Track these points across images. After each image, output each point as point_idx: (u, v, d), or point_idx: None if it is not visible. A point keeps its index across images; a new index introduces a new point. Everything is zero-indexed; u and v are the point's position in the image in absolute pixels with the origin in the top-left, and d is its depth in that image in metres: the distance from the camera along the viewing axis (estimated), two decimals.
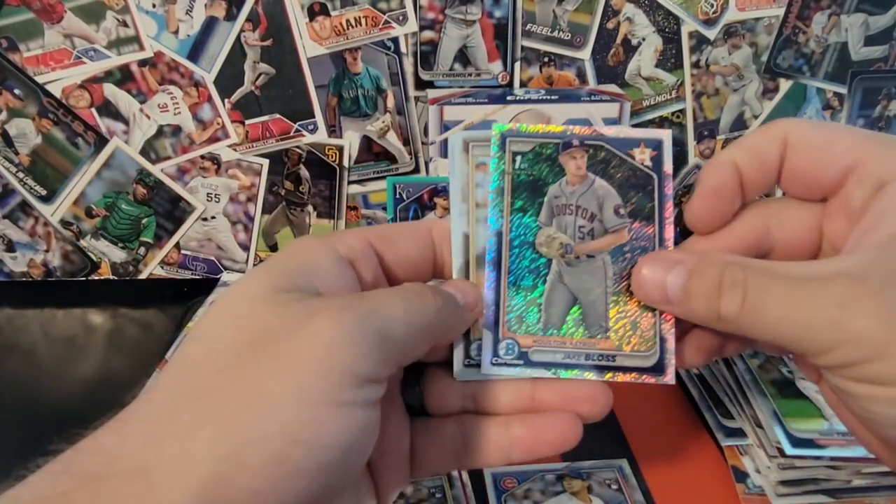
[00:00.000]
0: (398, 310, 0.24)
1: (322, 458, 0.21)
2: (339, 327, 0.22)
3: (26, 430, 0.53)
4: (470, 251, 0.29)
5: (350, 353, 0.22)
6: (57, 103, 0.59)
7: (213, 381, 0.22)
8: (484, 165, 0.30)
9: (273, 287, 0.24)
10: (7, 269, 0.66)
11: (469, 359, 0.28)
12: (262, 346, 0.22)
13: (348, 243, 0.26)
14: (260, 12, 0.57)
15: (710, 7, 0.59)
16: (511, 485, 0.46)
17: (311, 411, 0.21)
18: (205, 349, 0.23)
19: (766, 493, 0.44)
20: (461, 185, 0.30)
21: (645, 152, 0.30)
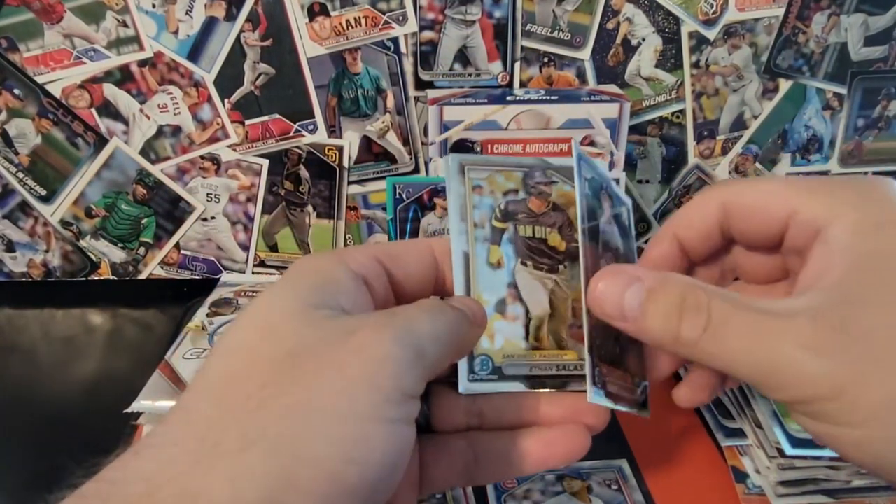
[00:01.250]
0: (427, 325, 0.24)
1: (373, 476, 0.21)
2: (382, 344, 0.22)
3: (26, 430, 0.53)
4: (470, 269, 0.30)
5: (396, 370, 0.22)
6: (57, 103, 0.59)
7: (256, 396, 0.21)
8: (480, 188, 0.31)
9: (303, 302, 0.24)
10: (7, 269, 0.66)
11: (473, 374, 0.29)
12: (304, 361, 0.22)
13: (360, 261, 0.27)
14: (260, 12, 0.57)
15: (709, 7, 0.59)
16: (511, 485, 0.46)
17: (363, 428, 0.21)
18: (240, 363, 0.22)
19: (766, 494, 0.44)
20: (459, 206, 0.31)
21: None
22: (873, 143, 0.65)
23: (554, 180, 0.32)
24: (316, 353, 0.22)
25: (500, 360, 0.29)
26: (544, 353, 0.30)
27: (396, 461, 0.22)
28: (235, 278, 0.67)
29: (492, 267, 0.30)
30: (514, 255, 0.31)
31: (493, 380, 0.29)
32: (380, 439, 0.21)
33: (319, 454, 0.20)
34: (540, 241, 0.31)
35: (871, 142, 0.65)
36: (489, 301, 0.30)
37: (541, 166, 0.32)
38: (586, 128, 0.57)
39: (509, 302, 0.30)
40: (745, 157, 0.65)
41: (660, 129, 0.64)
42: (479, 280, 0.30)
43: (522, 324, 0.30)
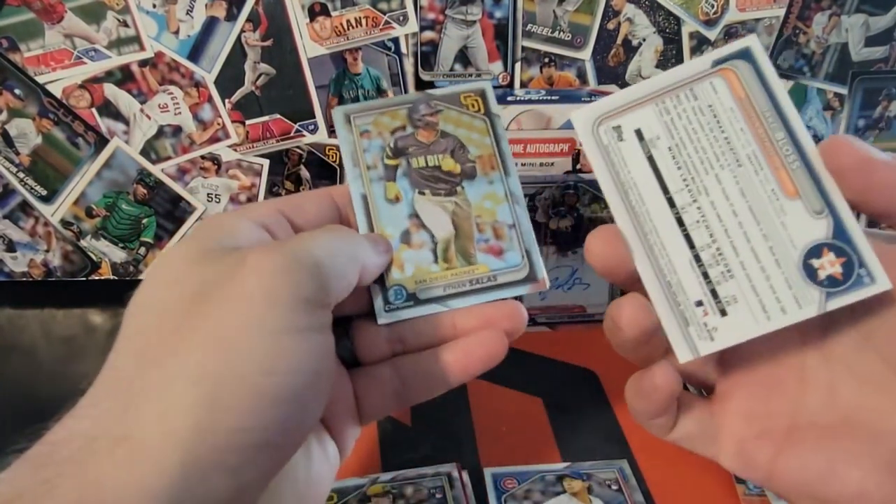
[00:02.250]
0: (323, 239, 0.26)
1: (295, 384, 0.22)
2: (275, 260, 0.24)
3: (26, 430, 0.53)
4: (370, 208, 0.32)
5: (292, 280, 0.23)
6: (57, 103, 0.59)
7: (170, 338, 0.22)
8: (367, 133, 0.33)
9: (201, 247, 0.25)
10: (7, 269, 0.67)
11: (388, 304, 0.31)
12: (207, 294, 0.23)
13: (260, 212, 0.28)
14: (260, 13, 0.57)
15: (710, 7, 0.59)
16: (511, 485, 0.46)
17: (275, 341, 0.22)
18: (152, 313, 0.24)
19: (767, 494, 0.44)
20: (350, 153, 0.33)
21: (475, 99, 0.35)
22: (874, 143, 0.65)
23: (439, 109, 0.34)
24: (217, 285, 0.23)
25: (413, 286, 0.31)
26: (455, 272, 0.31)
27: (315, 368, 0.23)
28: None
29: (390, 202, 0.32)
30: (410, 188, 0.32)
31: (409, 306, 0.31)
32: (295, 348, 0.23)
33: (239, 372, 0.21)
34: (434, 168, 0.33)
35: (871, 142, 0.65)
36: (393, 235, 0.32)
37: (424, 99, 0.34)
38: None
39: (413, 231, 0.32)
40: None
41: None
42: (380, 217, 0.32)
43: (430, 248, 0.32)
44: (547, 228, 0.57)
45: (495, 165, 0.33)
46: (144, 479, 0.20)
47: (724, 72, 0.28)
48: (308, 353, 0.23)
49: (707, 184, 0.27)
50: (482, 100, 0.34)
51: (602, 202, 0.57)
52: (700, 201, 0.27)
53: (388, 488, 0.45)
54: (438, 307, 0.31)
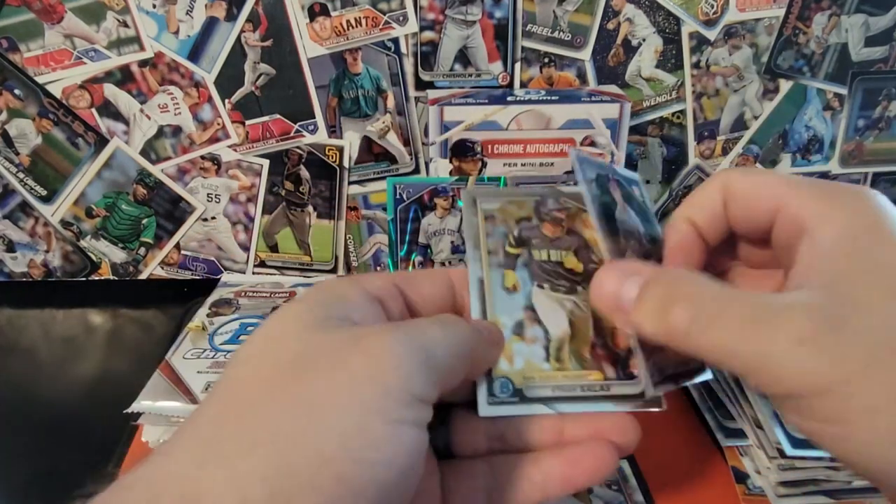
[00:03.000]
0: (438, 332, 0.25)
1: (381, 478, 0.21)
2: (390, 346, 0.22)
3: (27, 430, 0.53)
4: (486, 293, 0.30)
5: (403, 371, 0.22)
6: (57, 104, 0.59)
7: (260, 396, 0.21)
8: (493, 218, 0.32)
9: (313, 315, 0.24)
10: (7, 269, 0.66)
11: (493, 396, 0.29)
12: (311, 362, 0.22)
13: (375, 284, 0.27)
14: (260, 13, 0.57)
15: (710, 8, 0.59)
16: None
17: (368, 425, 0.21)
18: (249, 370, 0.23)
19: (767, 494, 0.44)
20: (473, 235, 0.32)
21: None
22: (874, 143, 0.65)
23: (567, 206, 0.33)
24: (322, 355, 0.22)
25: (521, 381, 0.29)
26: (567, 374, 0.29)
27: (406, 464, 0.22)
28: (236, 278, 0.67)
29: (507, 291, 0.31)
30: (529, 279, 0.31)
31: (513, 402, 0.29)
32: (386, 439, 0.21)
33: (324, 451, 0.20)
34: (556, 263, 0.31)
35: (871, 142, 0.65)
36: (506, 324, 0.30)
37: (553, 194, 0.33)
38: (587, 128, 0.57)
39: (527, 324, 0.30)
40: (746, 158, 0.65)
41: (660, 130, 0.64)
42: (495, 304, 0.30)
43: (542, 345, 0.30)
44: None
45: None
46: None
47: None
48: (403, 446, 0.22)
49: None
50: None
51: None
52: None
53: None
54: (545, 408, 0.29)
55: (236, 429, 0.20)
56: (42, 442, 0.51)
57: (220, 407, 0.22)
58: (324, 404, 0.21)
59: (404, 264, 0.58)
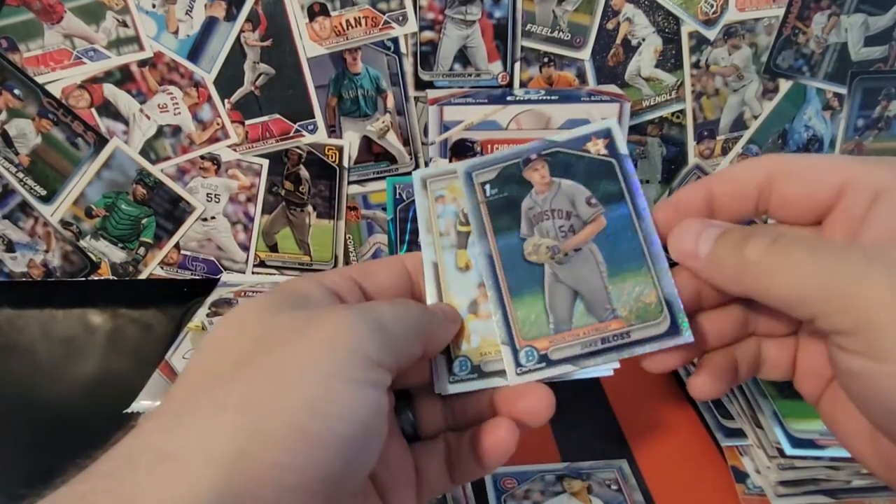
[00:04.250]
0: (387, 307, 0.27)
1: (341, 430, 0.22)
2: (343, 317, 0.24)
3: (26, 430, 0.53)
4: (441, 278, 0.31)
5: (355, 335, 0.24)
6: (57, 103, 0.59)
7: (227, 371, 0.23)
8: (442, 198, 0.33)
9: (273, 304, 0.26)
10: (7, 269, 0.66)
11: (453, 375, 0.30)
12: (273, 339, 0.24)
13: (333, 279, 0.29)
14: (260, 13, 0.57)
15: (709, 7, 0.59)
16: (511, 485, 0.46)
17: (326, 385, 0.23)
18: (214, 352, 0.24)
19: (766, 494, 0.44)
20: (425, 219, 0.33)
21: (598, 143, 0.32)
22: (873, 143, 0.65)
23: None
24: (283, 332, 0.24)
25: (478, 358, 0.30)
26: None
27: (365, 421, 0.23)
28: (235, 278, 0.67)
29: (460, 271, 0.31)
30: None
31: (472, 378, 0.30)
32: (345, 396, 0.23)
33: (289, 410, 0.22)
34: None
35: (871, 142, 0.65)
36: (461, 304, 0.31)
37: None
38: None
39: (481, 301, 0.31)
40: (746, 158, 0.65)
41: (660, 130, 0.64)
42: (449, 285, 0.31)
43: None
44: None
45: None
46: (179, 499, 0.19)
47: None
48: (360, 403, 0.23)
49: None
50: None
51: None
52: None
53: None
54: (501, 381, 0.30)
55: (206, 398, 0.22)
56: (42, 442, 0.51)
57: (190, 385, 0.23)
58: (287, 371, 0.22)
59: None
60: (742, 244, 0.26)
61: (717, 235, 0.27)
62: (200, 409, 0.22)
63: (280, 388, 0.22)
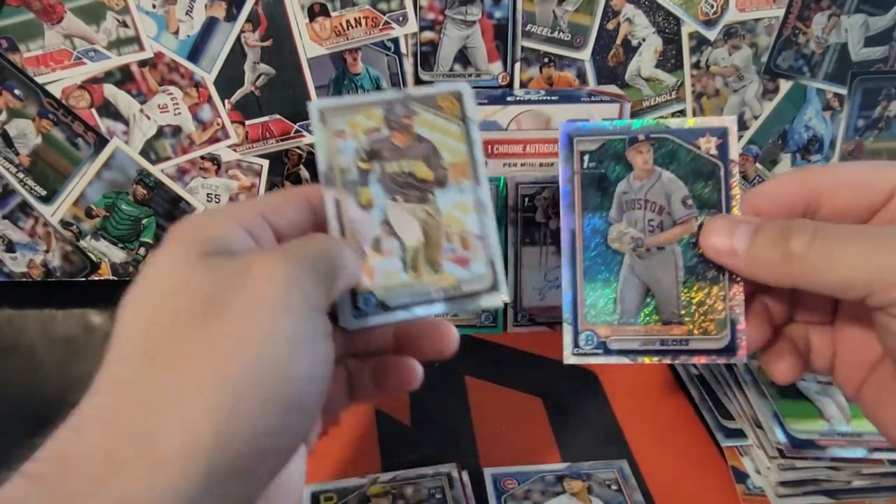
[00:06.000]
0: (315, 250, 0.27)
1: (309, 390, 0.24)
2: (284, 270, 0.24)
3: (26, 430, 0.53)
4: (343, 215, 0.31)
5: (303, 291, 0.24)
6: (57, 104, 0.59)
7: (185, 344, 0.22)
8: (342, 133, 0.32)
9: (196, 253, 0.25)
10: (7, 269, 0.66)
11: (358, 310, 0.31)
12: (221, 302, 0.23)
13: (243, 216, 0.28)
14: (260, 13, 0.57)
15: (709, 8, 0.59)
16: (511, 485, 0.46)
17: (293, 348, 0.23)
18: (161, 317, 0.24)
19: (767, 494, 0.44)
20: (325, 154, 0.32)
21: (711, 141, 0.31)
22: (873, 143, 0.65)
23: (415, 111, 0.33)
24: (230, 292, 0.23)
25: (382, 293, 0.31)
26: (423, 281, 0.31)
27: (325, 374, 0.25)
28: None
29: (362, 208, 0.32)
30: (383, 193, 0.32)
31: (377, 313, 0.31)
32: (308, 355, 0.24)
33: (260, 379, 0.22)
34: (407, 174, 0.32)
35: (871, 142, 0.65)
36: (364, 242, 0.31)
37: (400, 99, 0.33)
38: None
39: (383, 238, 0.31)
40: (746, 158, 0.65)
41: None
42: (352, 223, 0.31)
43: (399, 257, 0.31)
44: (547, 228, 0.57)
45: (467, 174, 0.32)
46: (168, 492, 0.20)
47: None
48: (321, 359, 0.24)
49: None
50: (459, 103, 0.33)
51: None
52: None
53: (387, 488, 0.45)
54: (405, 314, 0.31)
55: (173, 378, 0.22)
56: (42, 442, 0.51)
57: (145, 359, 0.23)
58: (248, 338, 0.22)
59: None
60: (784, 239, 0.26)
61: (751, 232, 0.27)
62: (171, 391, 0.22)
63: (250, 361, 0.22)
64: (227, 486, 0.21)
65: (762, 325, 0.31)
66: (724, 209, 0.30)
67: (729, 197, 0.30)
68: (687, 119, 0.32)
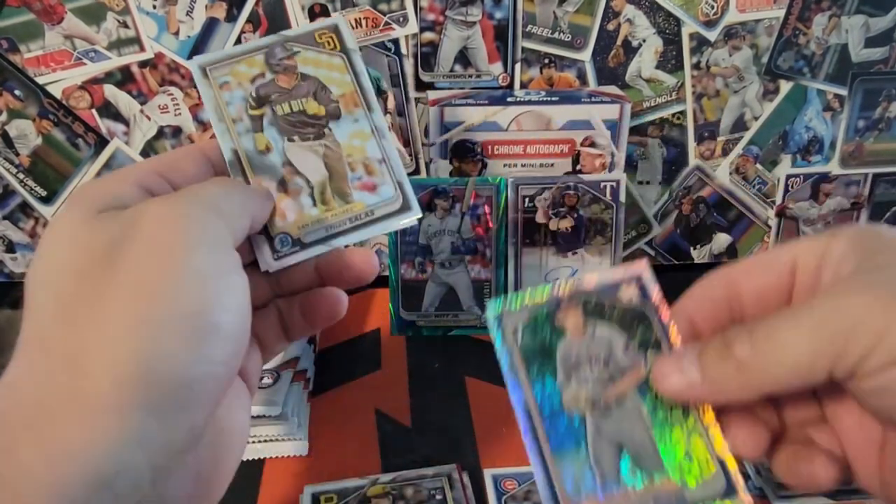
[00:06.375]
0: (214, 188, 0.27)
1: (229, 319, 0.24)
2: (177, 207, 0.25)
3: None
4: (243, 163, 0.32)
5: (200, 224, 0.25)
6: (57, 104, 0.59)
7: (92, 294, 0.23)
8: (227, 84, 0.33)
9: (91, 210, 0.25)
10: (7, 269, 0.67)
11: (276, 252, 0.31)
12: (118, 248, 0.24)
13: (138, 175, 0.28)
14: (260, 13, 0.57)
15: (710, 9, 0.59)
16: (511, 486, 0.46)
17: (200, 281, 0.24)
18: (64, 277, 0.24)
19: (767, 495, 0.44)
20: (214, 108, 0.33)
21: (630, 290, 0.30)
22: (874, 144, 0.65)
23: (296, 51, 0.33)
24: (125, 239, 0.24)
25: (297, 231, 0.31)
26: (334, 212, 0.32)
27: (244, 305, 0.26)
28: None
29: (262, 154, 0.32)
30: (279, 136, 0.32)
31: (296, 251, 0.31)
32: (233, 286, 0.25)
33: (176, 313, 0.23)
34: (299, 113, 0.33)
35: (871, 143, 0.65)
36: (270, 185, 0.32)
37: (279, 42, 0.33)
38: (587, 129, 0.57)
39: (288, 179, 0.32)
40: (746, 159, 0.65)
41: (660, 131, 0.64)
42: (254, 169, 0.32)
43: (307, 193, 0.32)
44: (546, 229, 0.57)
45: (358, 102, 0.33)
46: (101, 433, 0.21)
47: None
48: (234, 289, 0.25)
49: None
50: (337, 37, 0.34)
51: (602, 203, 0.57)
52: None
53: (388, 489, 0.45)
54: (323, 248, 0.31)
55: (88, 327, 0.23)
56: None
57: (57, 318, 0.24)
58: (153, 276, 0.23)
59: (405, 265, 0.58)
60: (727, 349, 0.25)
61: (694, 358, 0.26)
62: (89, 339, 0.22)
63: (162, 297, 0.23)
64: (162, 421, 0.22)
65: (758, 430, 0.29)
66: (665, 343, 0.29)
67: (665, 330, 0.29)
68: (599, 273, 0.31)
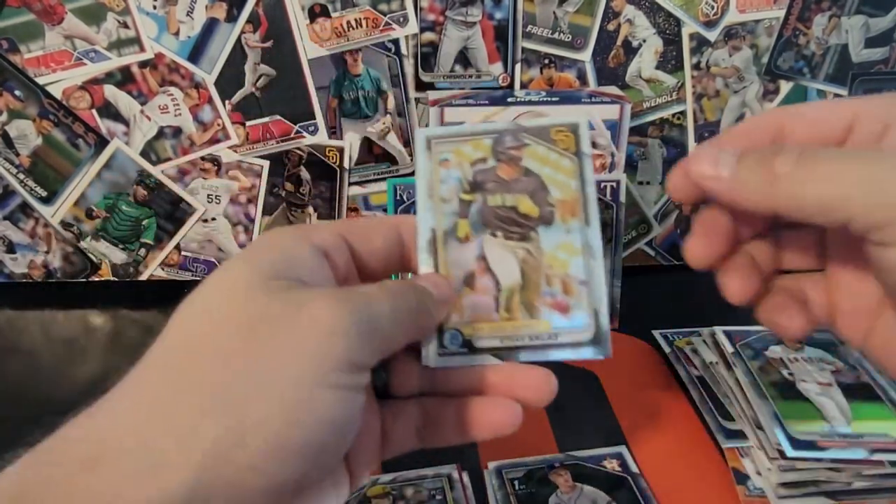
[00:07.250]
0: (385, 307, 0.25)
1: (317, 438, 0.23)
2: (336, 317, 0.23)
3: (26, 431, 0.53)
4: (438, 245, 0.30)
5: (346, 342, 0.23)
6: (57, 105, 0.59)
7: (213, 363, 0.22)
8: (447, 161, 0.31)
9: (261, 275, 0.24)
10: (7, 270, 0.66)
11: (443, 347, 0.29)
12: (261, 330, 0.23)
13: (322, 236, 0.27)
14: (260, 14, 0.57)
15: (710, 9, 0.59)
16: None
17: (309, 394, 0.22)
18: (199, 328, 0.24)
19: (767, 495, 0.44)
20: (427, 182, 0.31)
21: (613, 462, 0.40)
22: None
23: (526, 143, 0.31)
24: (274, 324, 0.23)
25: (470, 332, 0.29)
26: (515, 324, 0.29)
27: (344, 424, 0.24)
28: None
29: (459, 241, 0.30)
30: (482, 227, 0.30)
31: (463, 353, 0.29)
32: (325, 404, 0.23)
33: (265, 416, 0.22)
34: (510, 209, 0.30)
35: None
36: (457, 276, 0.29)
37: (512, 130, 0.31)
38: None
39: (478, 275, 0.29)
40: None
41: (660, 131, 0.64)
42: (447, 256, 0.30)
43: (493, 296, 0.29)
44: None
45: (577, 213, 0.30)
46: (152, 494, 0.20)
47: None
48: (338, 409, 0.23)
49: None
50: (575, 137, 0.31)
51: (602, 203, 0.57)
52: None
53: (388, 489, 0.45)
54: (492, 359, 0.29)
55: (190, 393, 0.22)
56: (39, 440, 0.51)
57: (173, 368, 0.23)
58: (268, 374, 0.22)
59: None
60: (768, 160, 0.26)
61: (735, 157, 0.27)
62: (183, 403, 0.22)
63: (262, 395, 0.22)
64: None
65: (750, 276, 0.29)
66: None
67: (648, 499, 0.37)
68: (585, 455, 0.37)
